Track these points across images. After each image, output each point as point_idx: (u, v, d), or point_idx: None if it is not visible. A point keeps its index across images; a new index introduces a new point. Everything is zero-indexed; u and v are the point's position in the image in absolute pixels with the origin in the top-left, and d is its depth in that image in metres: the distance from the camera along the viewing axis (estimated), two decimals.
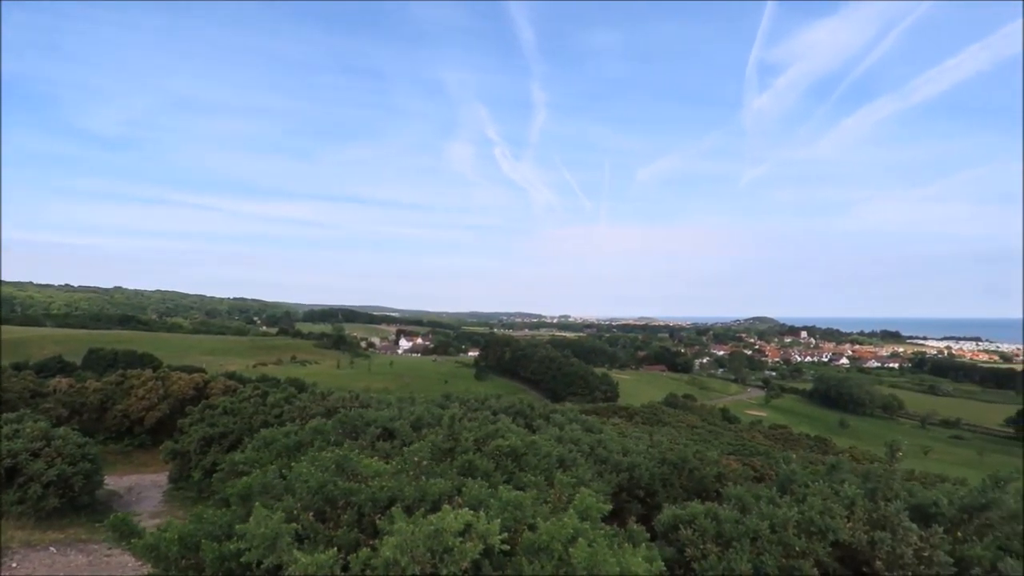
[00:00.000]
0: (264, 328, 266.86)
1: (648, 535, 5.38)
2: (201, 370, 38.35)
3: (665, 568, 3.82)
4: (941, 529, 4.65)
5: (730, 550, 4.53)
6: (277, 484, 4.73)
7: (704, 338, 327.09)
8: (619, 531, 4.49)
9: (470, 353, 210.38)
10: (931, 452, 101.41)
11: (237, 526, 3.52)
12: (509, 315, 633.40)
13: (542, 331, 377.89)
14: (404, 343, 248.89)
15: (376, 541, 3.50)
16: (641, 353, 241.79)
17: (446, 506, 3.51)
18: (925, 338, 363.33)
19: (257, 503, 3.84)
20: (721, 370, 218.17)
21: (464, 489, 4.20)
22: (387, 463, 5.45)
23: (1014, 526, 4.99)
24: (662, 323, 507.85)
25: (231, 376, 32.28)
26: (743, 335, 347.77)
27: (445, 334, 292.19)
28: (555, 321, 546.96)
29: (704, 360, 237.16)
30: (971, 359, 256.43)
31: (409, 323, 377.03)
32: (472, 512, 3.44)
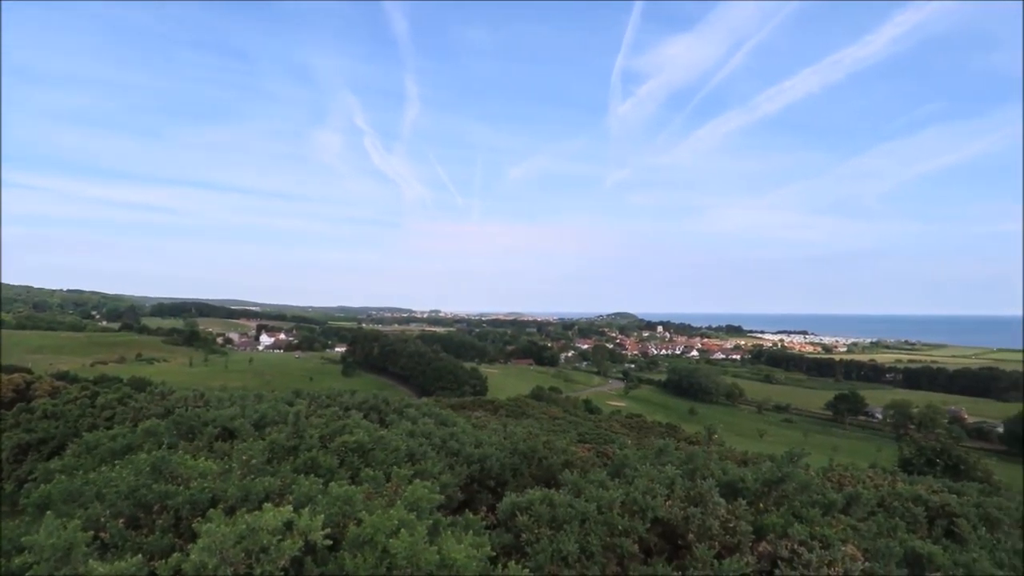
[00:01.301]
0: (104, 323, 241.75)
1: (493, 522, 5.55)
2: (26, 370, 34.24)
3: (494, 554, 3.94)
4: (745, 502, 5.17)
5: (561, 532, 4.77)
6: (86, 491, 4.34)
7: (570, 333, 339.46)
8: (456, 520, 4.59)
9: (337, 349, 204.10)
10: (766, 435, 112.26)
11: (23, 538, 3.19)
12: (378, 310, 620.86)
13: (412, 326, 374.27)
14: (265, 339, 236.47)
15: (191, 545, 3.32)
16: (510, 348, 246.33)
17: (267, 505, 3.39)
18: (763, 332, 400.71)
19: (48, 512, 3.50)
20: (585, 363, 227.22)
21: (295, 487, 4.09)
22: (223, 464, 5.18)
23: (805, 496, 5.67)
24: (531, 318, 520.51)
25: (61, 376, 29.06)
26: (606, 330, 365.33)
27: (310, 329, 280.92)
28: (425, 316, 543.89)
29: (569, 354, 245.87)
30: (799, 351, 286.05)
31: (271, 318, 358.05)
32: (295, 509, 3.35)
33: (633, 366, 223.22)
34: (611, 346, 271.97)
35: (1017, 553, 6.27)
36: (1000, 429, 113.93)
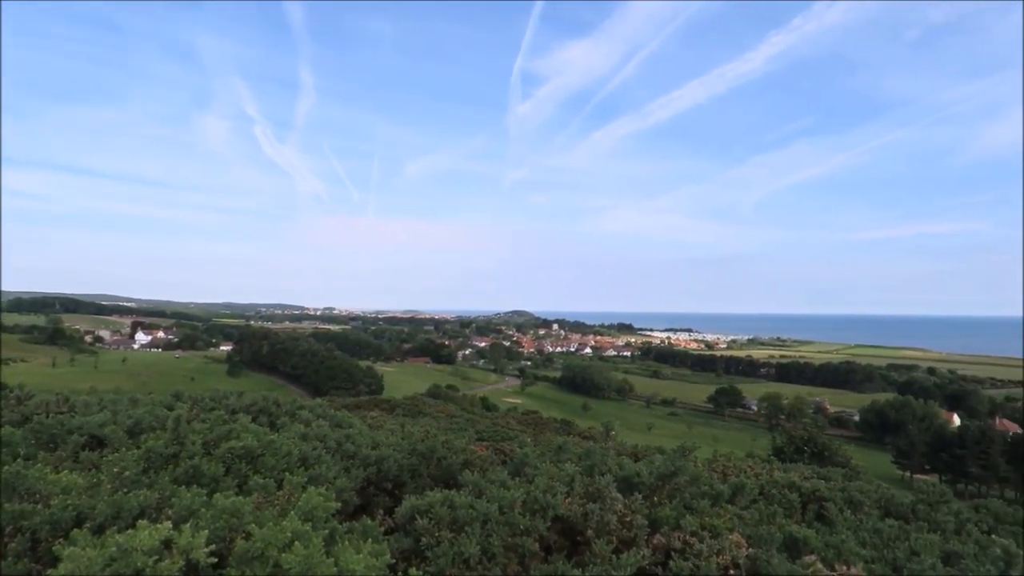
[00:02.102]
0: None
1: (391, 527, 5.38)
2: None
3: (393, 560, 3.81)
4: (640, 496, 5.33)
5: (462, 535, 4.70)
6: None
7: (467, 331, 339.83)
8: (353, 526, 4.40)
9: (222, 348, 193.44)
10: (653, 428, 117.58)
11: None
12: (268, 307, 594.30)
13: (304, 324, 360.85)
14: (142, 337, 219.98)
15: (51, 572, 2.96)
16: (407, 346, 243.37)
17: (142, 522, 3.08)
18: (652, 330, 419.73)
19: None
20: (482, 361, 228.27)
21: (174, 500, 3.76)
22: (90, 477, 4.70)
23: (695, 488, 5.92)
24: (428, 316, 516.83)
25: None
26: (503, 328, 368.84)
27: (192, 327, 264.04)
28: (319, 313, 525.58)
29: (467, 352, 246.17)
30: (685, 347, 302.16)
31: (149, 314, 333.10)
32: (174, 526, 3.07)
33: (529, 363, 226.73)
34: (508, 344, 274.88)
35: (877, 532, 6.87)
36: (856, 418, 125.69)
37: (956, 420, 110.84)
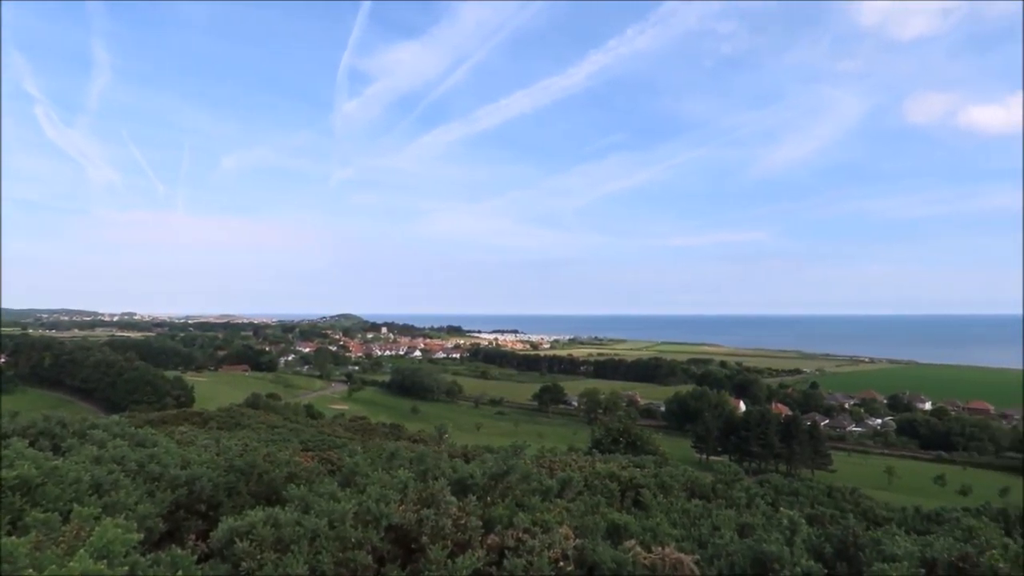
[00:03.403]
0: None
1: (206, 553, 4.88)
2: None
3: None
4: (474, 497, 5.36)
5: (288, 555, 4.40)
6: None
7: (290, 335, 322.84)
8: (159, 557, 3.93)
9: None
10: (482, 428, 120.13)
11: None
12: (51, 312, 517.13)
13: (98, 331, 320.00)
14: None
15: None
16: (221, 353, 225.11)
17: None
18: (480, 332, 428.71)
19: None
20: (307, 367, 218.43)
21: None
22: None
23: (527, 485, 6.09)
24: (246, 320, 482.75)
25: None
26: (328, 332, 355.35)
27: None
28: (116, 320, 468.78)
29: (290, 357, 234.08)
30: (511, 348, 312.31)
31: None
32: None
33: (357, 368, 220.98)
34: (334, 348, 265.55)
35: (685, 512, 7.56)
36: (663, 408, 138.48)
37: (742, 407, 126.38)
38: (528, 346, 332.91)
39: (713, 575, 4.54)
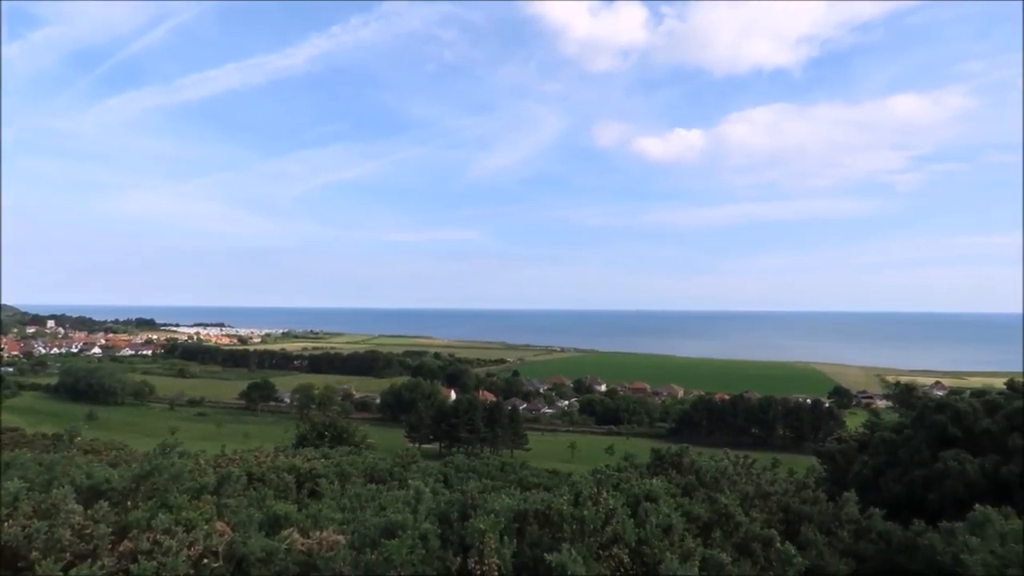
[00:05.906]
0: None
1: None
2: None
3: None
4: (108, 503, 4.95)
5: None
6: None
7: None
8: None
9: None
10: (178, 431, 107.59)
11: None
12: None
13: None
14: None
15: None
16: None
17: None
18: (178, 325, 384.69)
19: None
20: None
21: None
22: None
23: (179, 484, 5.79)
24: None
25: None
26: None
27: None
28: None
29: None
30: (216, 343, 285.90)
31: None
32: None
33: (12, 369, 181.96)
34: None
35: (357, 496, 7.89)
36: (378, 401, 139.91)
37: (453, 395, 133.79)
38: (236, 341, 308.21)
39: (357, 546, 4.88)
